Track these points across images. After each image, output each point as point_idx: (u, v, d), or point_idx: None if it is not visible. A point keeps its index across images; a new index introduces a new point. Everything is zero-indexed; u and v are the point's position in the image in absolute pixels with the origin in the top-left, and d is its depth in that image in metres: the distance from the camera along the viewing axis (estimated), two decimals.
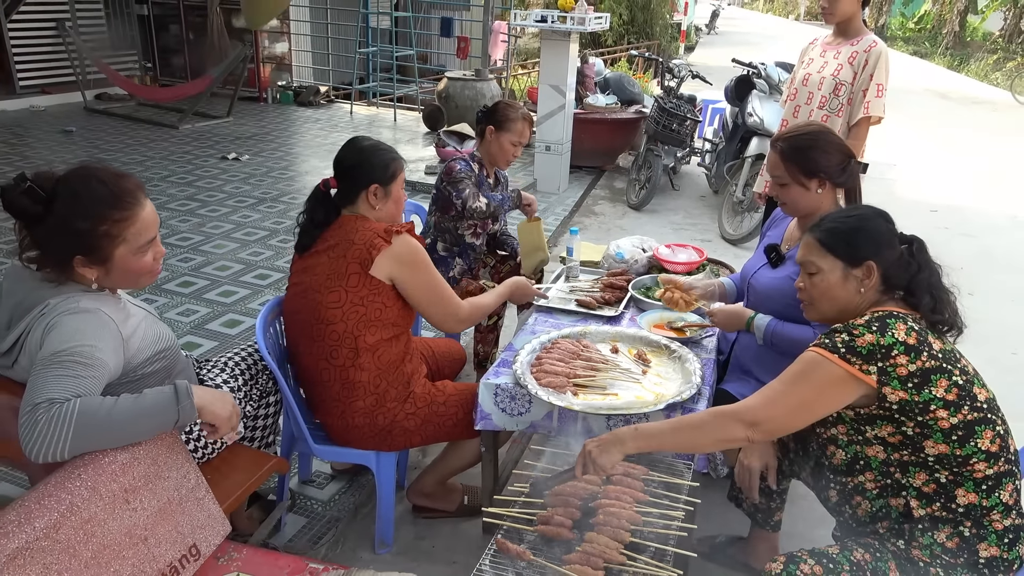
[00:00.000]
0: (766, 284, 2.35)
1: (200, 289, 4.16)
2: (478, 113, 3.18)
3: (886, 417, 1.58)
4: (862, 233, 1.69)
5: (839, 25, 3.37)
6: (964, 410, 1.55)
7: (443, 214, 3.09)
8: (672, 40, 17.59)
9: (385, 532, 2.39)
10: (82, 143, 7.30)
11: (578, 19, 5.87)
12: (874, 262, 1.65)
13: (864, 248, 1.67)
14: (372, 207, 2.19)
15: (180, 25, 9.97)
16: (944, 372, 1.55)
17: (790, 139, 2.23)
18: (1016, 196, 7.61)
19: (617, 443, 1.68)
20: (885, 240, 1.68)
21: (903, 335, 1.54)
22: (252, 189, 6.13)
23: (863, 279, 1.67)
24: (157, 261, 1.72)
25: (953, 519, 1.60)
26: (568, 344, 2.32)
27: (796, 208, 2.27)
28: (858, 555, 1.63)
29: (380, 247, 2.10)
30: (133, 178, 1.67)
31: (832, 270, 1.69)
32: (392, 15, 9.74)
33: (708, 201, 6.80)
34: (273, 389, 2.25)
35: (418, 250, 2.17)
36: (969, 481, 1.58)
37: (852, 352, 1.54)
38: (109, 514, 1.44)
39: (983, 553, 1.58)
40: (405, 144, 7.97)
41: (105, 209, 1.58)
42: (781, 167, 2.22)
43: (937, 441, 1.56)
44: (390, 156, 2.23)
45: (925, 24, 27.63)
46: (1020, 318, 4.63)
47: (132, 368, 1.67)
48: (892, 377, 1.53)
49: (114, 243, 1.60)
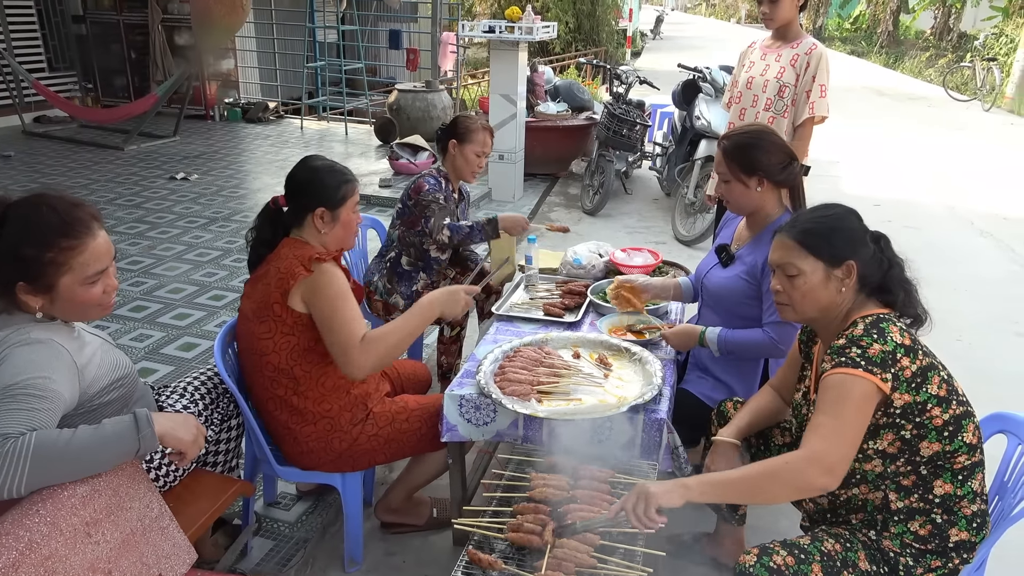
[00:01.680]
0: (718, 283, 2.41)
1: (153, 313, 4.07)
2: (437, 131, 3.19)
3: (889, 424, 1.59)
4: (839, 232, 1.70)
5: (778, 29, 3.48)
6: (953, 405, 1.59)
7: (408, 229, 3.09)
8: (619, 46, 17.86)
9: (354, 550, 2.37)
10: (22, 168, 7.08)
11: (526, 28, 5.93)
12: (853, 261, 1.67)
13: (843, 248, 1.68)
14: (318, 231, 2.13)
15: (121, 44, 9.75)
16: (934, 368, 1.58)
17: (733, 137, 2.31)
18: (953, 188, 7.91)
19: (682, 488, 1.61)
20: (859, 238, 1.70)
21: (899, 337, 1.57)
22: (203, 209, 6.02)
23: (843, 279, 1.67)
24: (108, 294, 1.67)
25: (928, 509, 1.65)
26: (530, 352, 2.34)
27: (739, 206, 2.34)
28: (828, 545, 1.67)
29: (298, 277, 2.02)
30: (89, 207, 1.64)
31: (814, 271, 1.69)
32: (339, 29, 9.69)
33: (661, 204, 6.91)
34: (235, 412, 2.22)
35: (329, 282, 2.03)
36: (947, 472, 1.63)
37: (871, 363, 1.54)
38: (70, 549, 1.40)
39: (954, 538, 1.64)
40: (358, 157, 7.92)
41: (53, 236, 1.55)
42: (724, 164, 2.30)
43: (931, 441, 1.59)
44: (342, 179, 2.14)
45: (860, 24, 28.58)
46: (962, 305, 4.82)
47: (89, 398, 1.64)
48: (901, 381, 1.55)
49: (59, 271, 1.56)
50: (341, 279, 2.07)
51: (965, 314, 4.66)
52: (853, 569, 1.64)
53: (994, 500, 1.86)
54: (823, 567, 1.62)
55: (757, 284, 2.30)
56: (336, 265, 2.09)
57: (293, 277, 2.02)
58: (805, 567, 1.61)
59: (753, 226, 2.40)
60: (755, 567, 1.61)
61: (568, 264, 3.10)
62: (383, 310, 3.16)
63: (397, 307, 3.12)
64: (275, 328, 2.07)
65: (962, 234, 6.39)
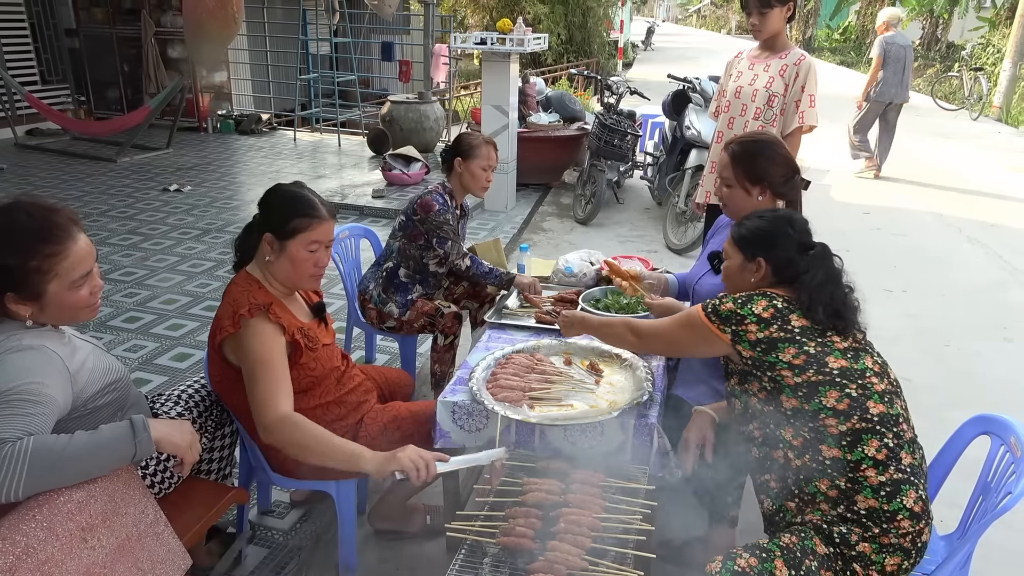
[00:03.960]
0: (710, 290, 2.44)
1: (147, 324, 4.08)
2: (441, 153, 3.24)
3: (746, 372, 1.86)
4: (762, 234, 1.95)
5: (766, 40, 3.53)
6: (809, 373, 1.75)
7: (410, 242, 3.12)
8: (610, 57, 18.01)
9: (348, 558, 2.38)
10: (14, 180, 7.09)
11: (517, 40, 5.98)
12: (763, 259, 1.92)
13: (758, 246, 1.94)
14: (265, 258, 2.03)
15: (114, 57, 9.79)
16: (794, 343, 1.77)
17: (743, 143, 2.36)
18: (940, 195, 7.99)
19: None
20: (780, 242, 1.93)
21: (760, 310, 1.81)
22: (196, 220, 6.04)
23: (755, 271, 1.94)
24: (95, 295, 1.67)
25: (826, 471, 1.73)
26: (522, 358, 2.37)
27: (736, 211, 2.36)
28: (786, 539, 1.71)
29: (225, 332, 1.94)
30: (66, 210, 1.63)
31: (734, 258, 2.00)
32: (332, 41, 9.75)
33: (652, 213, 6.96)
34: (228, 420, 2.23)
35: (251, 345, 1.92)
36: (827, 436, 1.73)
37: (715, 314, 1.86)
38: (66, 554, 1.42)
39: (862, 505, 1.70)
40: (351, 168, 7.96)
41: (34, 244, 1.55)
42: (730, 168, 2.34)
43: (788, 396, 1.77)
44: (298, 211, 2.00)
45: (849, 35, 28.87)
46: (950, 311, 4.87)
47: (82, 402, 1.65)
48: (743, 339, 1.81)
49: (45, 279, 1.56)
50: (266, 341, 1.94)
51: (953, 319, 4.71)
52: (813, 555, 1.68)
53: (977, 500, 1.89)
54: (785, 561, 1.66)
55: None
56: (268, 319, 1.95)
57: (221, 331, 1.96)
58: (768, 564, 1.65)
59: None
60: (721, 572, 1.64)
61: (560, 272, 3.13)
62: (377, 318, 3.19)
63: (392, 315, 3.14)
64: (223, 374, 2.04)
65: (950, 241, 6.45)
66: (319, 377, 2.13)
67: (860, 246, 6.04)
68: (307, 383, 2.10)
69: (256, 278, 2.05)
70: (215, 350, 2.02)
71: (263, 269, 2.06)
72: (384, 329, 3.23)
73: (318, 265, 2.07)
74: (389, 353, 3.86)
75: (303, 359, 2.06)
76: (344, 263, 3.38)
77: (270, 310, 1.96)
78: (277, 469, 2.25)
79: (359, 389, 2.31)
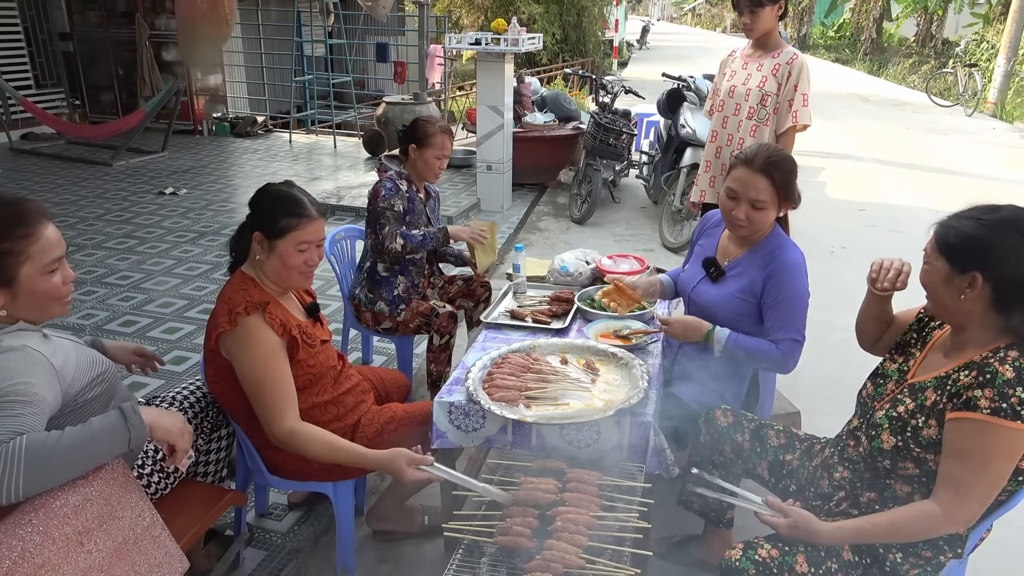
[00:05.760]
0: (709, 300, 2.41)
1: (143, 327, 4.07)
2: (398, 132, 3.22)
3: None
4: (978, 243, 1.58)
5: (758, 39, 3.53)
6: None
7: (375, 234, 3.10)
8: (605, 56, 18.02)
9: (347, 559, 2.38)
10: (9, 184, 7.07)
11: (511, 40, 5.98)
12: (980, 274, 1.55)
13: (971, 257, 1.57)
14: (255, 257, 2.04)
15: (108, 60, 9.77)
16: None
17: (776, 163, 2.20)
18: (936, 191, 8.00)
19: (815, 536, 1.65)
20: (1008, 255, 1.53)
21: None
22: (192, 223, 6.03)
23: (965, 287, 1.58)
24: (67, 285, 1.68)
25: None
26: (518, 358, 2.37)
27: (755, 228, 2.29)
28: None
29: (220, 328, 1.95)
30: (36, 202, 1.65)
31: (936, 265, 1.66)
32: (327, 43, 9.74)
33: (648, 212, 6.96)
34: (224, 423, 2.23)
35: (249, 344, 1.94)
36: None
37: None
38: (63, 558, 1.42)
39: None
40: (346, 170, 7.95)
41: (5, 227, 1.56)
42: (770, 191, 2.21)
43: None
44: (289, 210, 2.00)
45: (844, 32, 28.92)
46: None
47: (72, 397, 1.65)
48: None
49: (18, 260, 1.57)
50: (265, 340, 1.95)
51: None
52: (837, 559, 1.67)
53: None
54: (807, 557, 1.65)
55: (755, 303, 2.31)
56: (264, 318, 1.96)
57: (216, 327, 1.96)
58: (790, 558, 1.64)
59: (744, 242, 2.39)
60: (741, 561, 1.64)
61: (555, 272, 3.13)
62: (372, 321, 3.18)
63: (384, 314, 3.13)
64: (218, 374, 2.04)
65: None
66: (317, 375, 2.14)
67: (855, 243, 6.05)
68: (305, 380, 2.11)
69: (251, 277, 2.07)
70: (211, 348, 2.02)
71: (257, 268, 2.08)
72: (380, 331, 3.23)
73: (308, 264, 2.07)
74: (386, 354, 3.86)
75: (301, 355, 2.07)
76: (340, 264, 3.37)
77: (267, 309, 1.98)
78: (274, 471, 2.25)
79: (356, 390, 2.31)
